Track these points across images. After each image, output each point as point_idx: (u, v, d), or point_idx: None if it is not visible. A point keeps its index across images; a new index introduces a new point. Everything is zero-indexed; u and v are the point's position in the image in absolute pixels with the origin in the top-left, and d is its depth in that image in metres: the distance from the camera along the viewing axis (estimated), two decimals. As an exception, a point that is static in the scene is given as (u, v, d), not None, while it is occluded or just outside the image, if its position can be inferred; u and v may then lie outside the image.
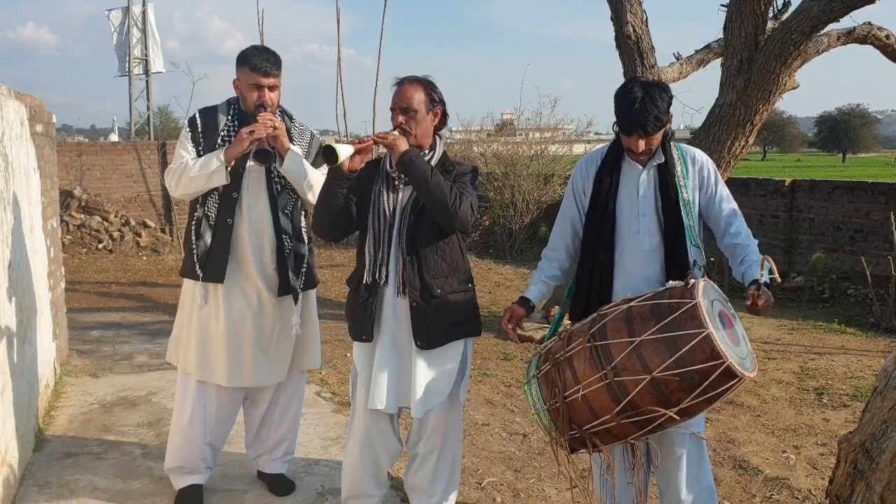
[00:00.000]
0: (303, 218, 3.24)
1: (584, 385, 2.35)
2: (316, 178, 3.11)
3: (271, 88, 3.07)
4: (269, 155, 2.97)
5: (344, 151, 2.68)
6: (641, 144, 2.58)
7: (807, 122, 79.06)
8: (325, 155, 2.69)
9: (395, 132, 2.78)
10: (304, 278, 3.21)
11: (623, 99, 2.57)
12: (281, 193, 3.13)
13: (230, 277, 3.12)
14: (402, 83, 2.83)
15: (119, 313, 7.47)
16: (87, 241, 11.29)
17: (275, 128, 3.01)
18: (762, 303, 2.41)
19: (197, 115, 3.16)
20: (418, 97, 2.80)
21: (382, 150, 2.83)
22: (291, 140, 3.14)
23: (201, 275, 3.11)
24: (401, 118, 2.80)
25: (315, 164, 3.18)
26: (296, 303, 3.20)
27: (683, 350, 2.22)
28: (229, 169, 3.04)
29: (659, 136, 2.60)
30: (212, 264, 3.10)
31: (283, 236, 3.13)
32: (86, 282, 9.22)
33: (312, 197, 3.10)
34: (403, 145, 2.74)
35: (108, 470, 3.63)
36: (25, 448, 3.57)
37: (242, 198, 3.11)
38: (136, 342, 6.23)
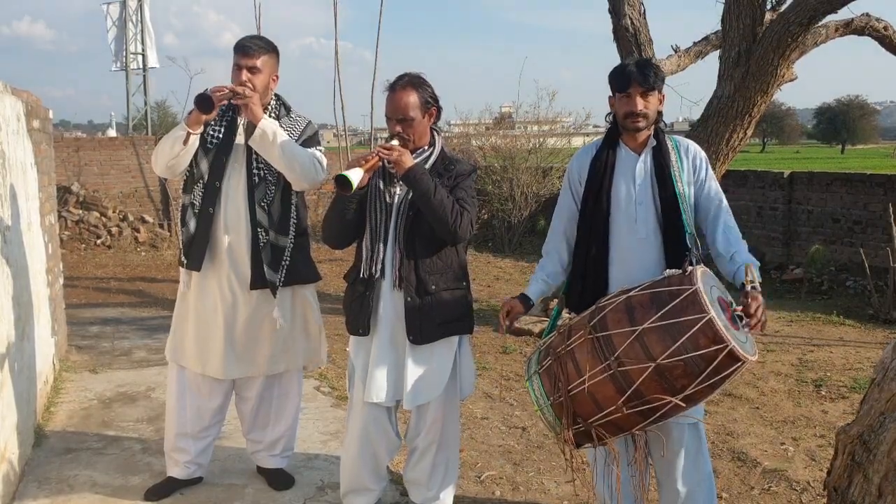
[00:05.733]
0: (293, 210, 3.19)
1: (588, 377, 2.34)
2: (295, 153, 3.05)
3: (251, 70, 3.05)
4: (207, 100, 2.89)
5: (355, 177, 2.65)
6: (640, 102, 2.60)
7: (806, 113, 79.03)
8: (339, 184, 2.65)
9: (395, 142, 2.77)
10: (284, 272, 3.15)
11: (618, 66, 2.68)
12: (258, 185, 3.11)
13: (208, 266, 3.14)
14: (395, 90, 2.81)
15: (118, 309, 7.47)
16: (85, 236, 11.27)
17: (235, 93, 2.96)
18: (754, 310, 2.34)
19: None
20: (413, 103, 2.79)
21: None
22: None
23: (185, 262, 3.15)
24: (398, 128, 2.80)
25: (308, 144, 3.15)
26: (274, 296, 3.15)
27: (686, 336, 2.23)
28: (216, 143, 3.08)
29: (655, 101, 2.63)
30: (193, 252, 3.12)
31: (259, 229, 3.10)
32: (84, 277, 9.21)
33: (293, 175, 3.07)
34: (408, 161, 2.74)
35: (107, 465, 3.64)
36: (25, 444, 3.57)
37: (223, 188, 3.11)
38: (134, 337, 6.23)
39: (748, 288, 2.40)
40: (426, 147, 2.89)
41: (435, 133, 2.94)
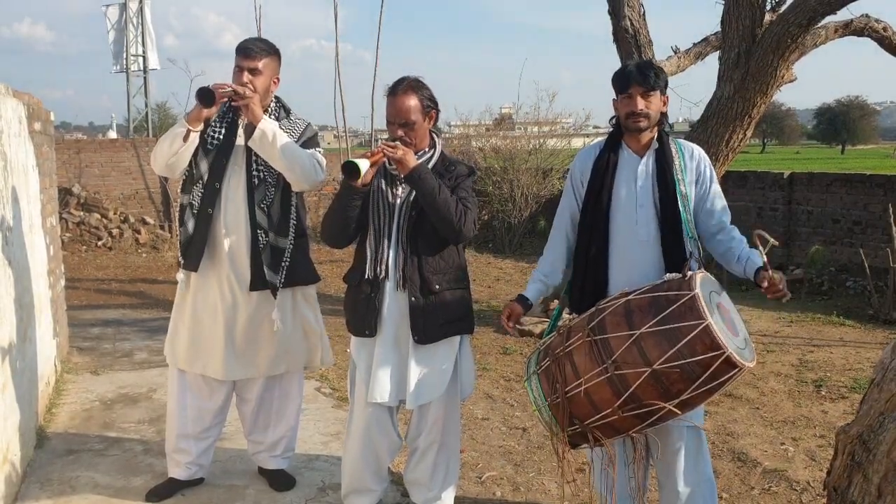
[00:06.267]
0: (293, 211, 3.21)
1: (585, 379, 2.36)
2: (295, 153, 3.07)
3: (252, 71, 3.07)
4: (208, 93, 2.92)
5: (363, 165, 2.67)
6: (640, 102, 2.61)
7: (806, 114, 78.91)
8: (347, 171, 2.67)
9: (398, 143, 2.79)
10: (284, 273, 3.17)
11: (620, 68, 2.70)
12: (258, 187, 3.12)
13: (207, 267, 3.15)
14: (396, 94, 2.81)
15: (119, 310, 7.48)
16: (86, 238, 11.28)
17: (236, 93, 2.98)
18: (779, 283, 2.43)
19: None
20: (414, 106, 2.81)
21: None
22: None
23: (182, 262, 3.17)
24: (400, 132, 2.81)
25: (308, 146, 3.17)
26: (274, 297, 3.17)
27: (683, 342, 2.24)
28: (216, 144, 3.09)
29: (657, 102, 2.65)
30: (191, 252, 3.14)
31: (258, 230, 3.12)
32: (85, 279, 9.22)
33: (293, 175, 3.09)
34: (412, 160, 2.75)
35: (109, 466, 3.65)
36: (27, 445, 3.58)
37: (223, 189, 3.13)
38: (136, 339, 6.24)
39: (764, 259, 2.47)
40: (426, 150, 2.90)
41: (434, 135, 2.96)
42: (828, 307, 7.52)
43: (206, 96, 2.93)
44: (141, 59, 16.76)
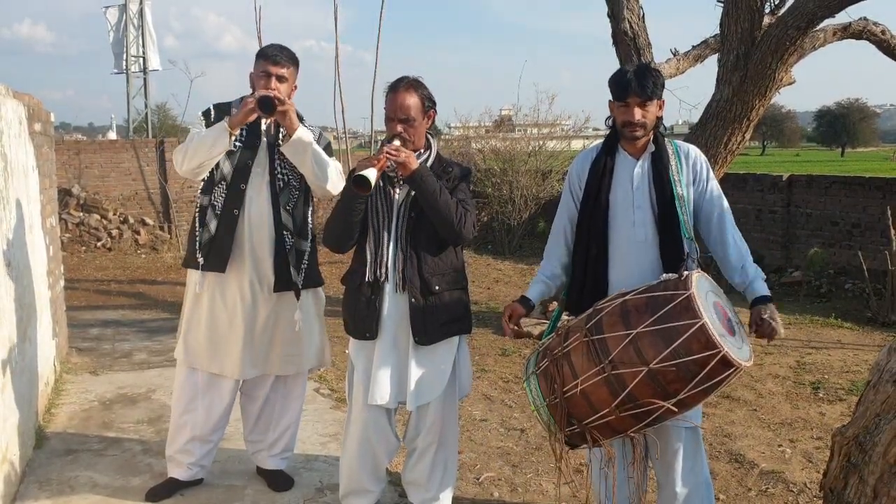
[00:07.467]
0: (310, 214, 3.26)
1: (583, 379, 2.37)
2: (325, 162, 3.12)
3: (279, 79, 3.10)
4: (271, 102, 2.95)
5: (372, 176, 2.68)
6: (638, 112, 2.61)
7: (806, 116, 78.86)
8: (358, 184, 2.68)
9: (397, 142, 2.79)
10: (304, 275, 3.22)
11: (618, 73, 2.68)
12: (283, 190, 3.15)
13: (228, 268, 3.16)
14: (397, 90, 2.82)
15: (118, 311, 7.49)
16: (85, 238, 11.29)
17: (281, 100, 2.99)
18: (770, 328, 2.57)
19: (211, 108, 3.22)
20: (415, 104, 2.82)
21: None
22: None
23: (202, 262, 3.15)
24: (400, 128, 2.82)
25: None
26: (298, 298, 3.21)
27: (679, 341, 2.25)
28: (239, 146, 3.11)
29: (654, 109, 2.65)
30: (214, 253, 3.14)
31: (284, 232, 3.15)
32: (85, 279, 9.23)
33: (319, 182, 3.13)
34: (414, 162, 2.76)
35: (108, 466, 3.65)
36: (26, 445, 3.59)
37: (247, 191, 3.14)
38: (135, 339, 6.25)
39: (766, 317, 2.59)
40: (422, 150, 2.91)
41: (429, 136, 2.97)
42: (826, 309, 7.53)
43: (269, 105, 2.96)
44: (141, 60, 16.77)
